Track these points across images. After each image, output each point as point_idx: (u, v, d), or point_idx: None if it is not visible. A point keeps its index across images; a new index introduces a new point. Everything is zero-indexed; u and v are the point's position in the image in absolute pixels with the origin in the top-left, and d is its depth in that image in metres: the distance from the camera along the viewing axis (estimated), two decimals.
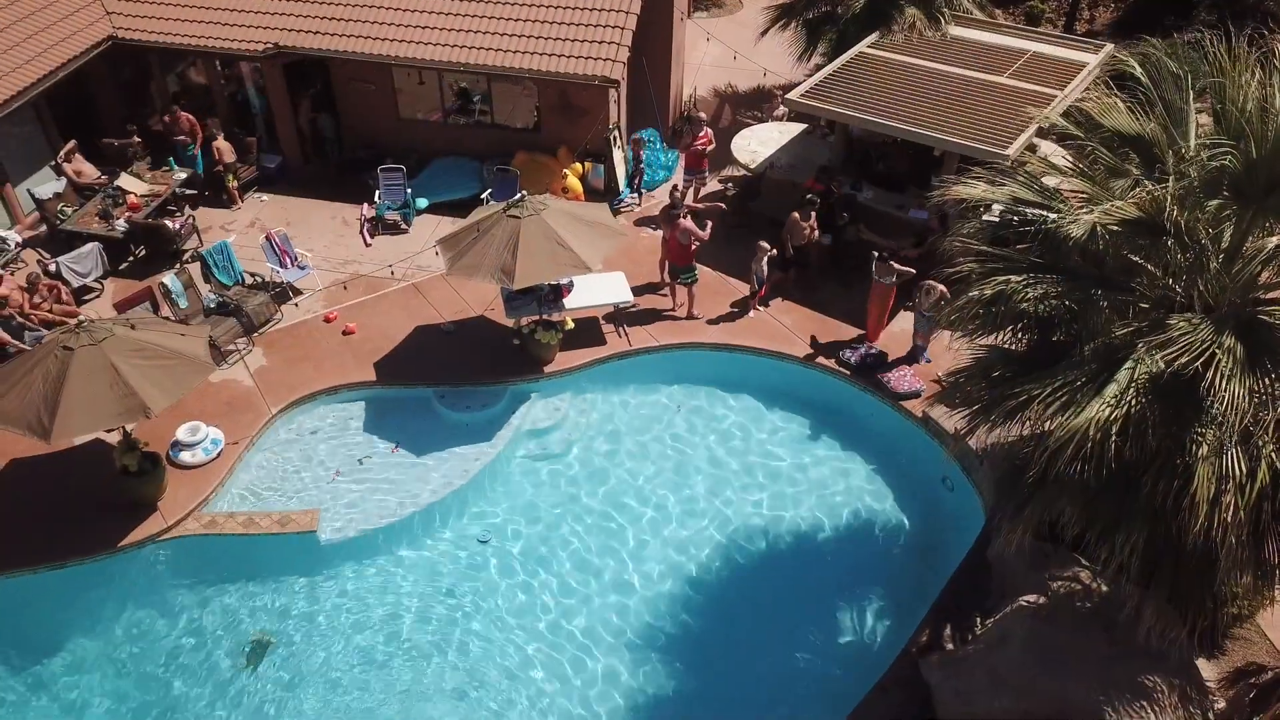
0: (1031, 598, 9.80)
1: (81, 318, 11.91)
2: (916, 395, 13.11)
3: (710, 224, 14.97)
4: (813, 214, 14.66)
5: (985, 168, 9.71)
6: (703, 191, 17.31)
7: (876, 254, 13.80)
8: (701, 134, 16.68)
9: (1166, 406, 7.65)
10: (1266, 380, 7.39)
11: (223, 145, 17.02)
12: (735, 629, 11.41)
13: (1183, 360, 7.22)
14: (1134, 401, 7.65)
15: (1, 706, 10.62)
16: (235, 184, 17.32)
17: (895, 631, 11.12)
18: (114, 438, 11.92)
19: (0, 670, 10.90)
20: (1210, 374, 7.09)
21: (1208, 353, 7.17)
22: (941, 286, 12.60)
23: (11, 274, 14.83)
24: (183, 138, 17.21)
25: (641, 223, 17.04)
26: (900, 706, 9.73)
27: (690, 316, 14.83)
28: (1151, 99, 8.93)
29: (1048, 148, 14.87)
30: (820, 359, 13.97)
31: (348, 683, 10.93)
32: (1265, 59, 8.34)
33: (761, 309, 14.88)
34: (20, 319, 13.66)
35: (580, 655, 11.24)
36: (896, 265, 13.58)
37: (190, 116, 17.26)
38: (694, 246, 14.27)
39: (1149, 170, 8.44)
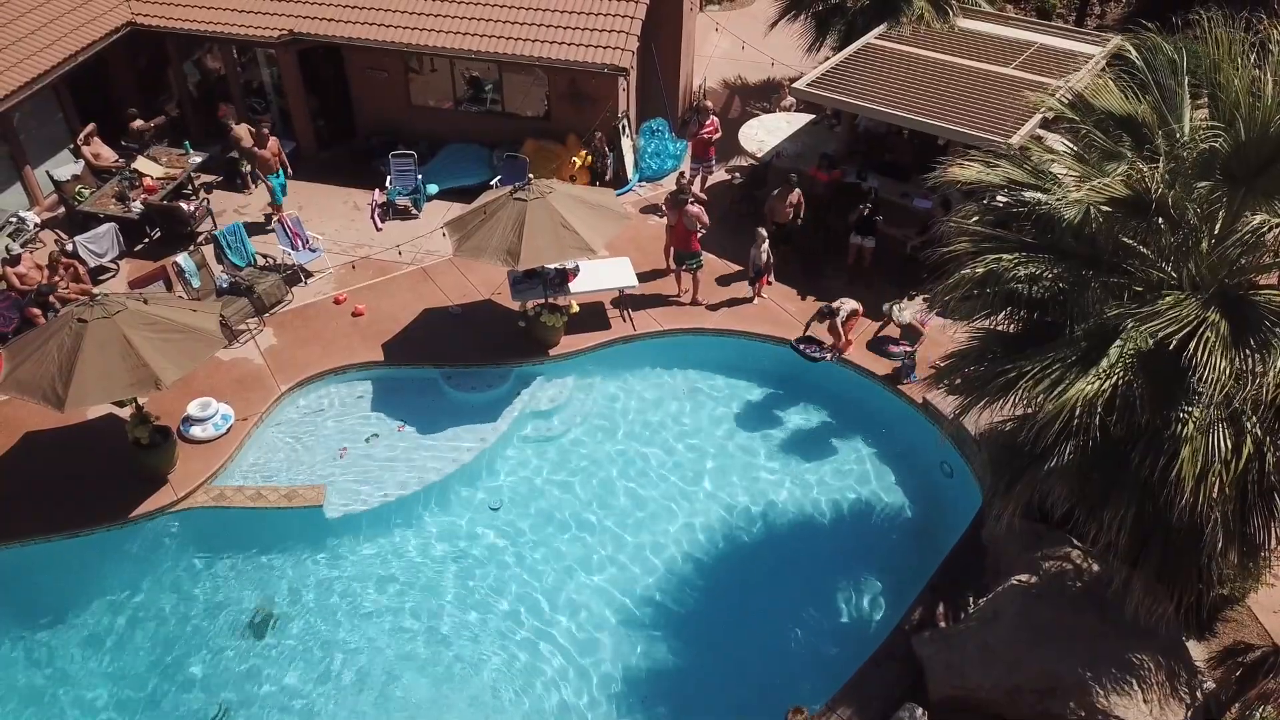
0: (1024, 577, 9.92)
1: (96, 293, 12.15)
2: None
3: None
4: (791, 194, 15.00)
5: (982, 150, 9.84)
6: (709, 180, 17.45)
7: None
8: (708, 122, 16.82)
9: (1154, 383, 7.76)
10: (1252, 357, 7.48)
11: (240, 132, 17.23)
12: (733, 605, 11.56)
13: (1169, 332, 7.34)
14: (1122, 378, 7.76)
15: (12, 669, 10.87)
16: (249, 169, 17.58)
17: (891, 610, 11.25)
18: (126, 411, 12.18)
19: (12, 634, 11.16)
20: (1194, 346, 7.20)
21: (1193, 326, 7.28)
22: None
23: (30, 253, 15.14)
24: (268, 158, 16.06)
25: (647, 210, 17.19)
26: (893, 680, 9.85)
27: (695, 302, 14.98)
28: (1147, 83, 9.04)
29: (1054, 140, 14.95)
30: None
31: (351, 655, 11.12)
32: (1259, 44, 8.44)
33: (764, 296, 15.01)
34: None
35: (579, 629, 11.40)
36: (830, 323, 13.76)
37: (276, 140, 16.26)
38: (699, 233, 14.43)
39: (1140, 151, 8.54)
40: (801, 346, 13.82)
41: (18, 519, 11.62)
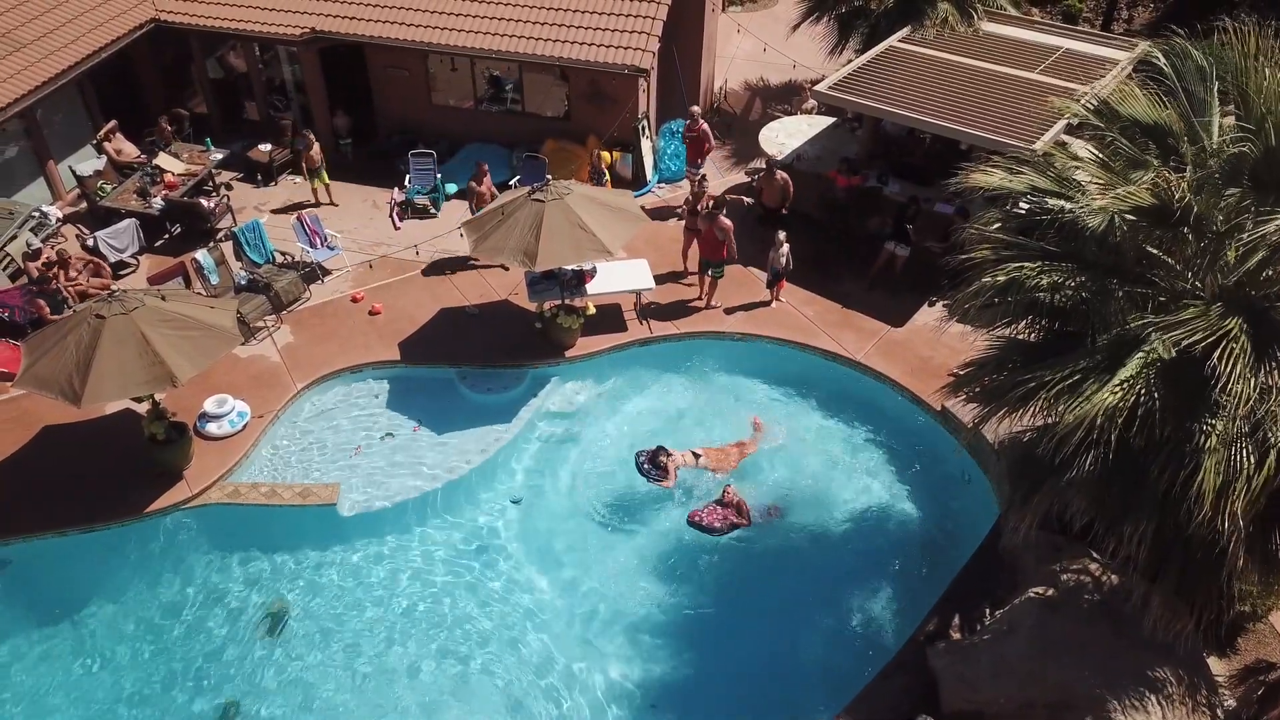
0: (1041, 589, 9.76)
1: (114, 289, 12.20)
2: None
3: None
4: (777, 177, 15.24)
5: (1006, 157, 9.72)
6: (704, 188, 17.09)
7: None
8: (698, 125, 16.57)
9: (1176, 396, 7.64)
10: (1277, 370, 7.33)
11: (315, 154, 16.88)
12: (744, 612, 11.46)
13: (1192, 341, 7.20)
14: (1143, 390, 7.65)
15: (24, 663, 10.93)
16: (325, 184, 17.17)
17: (904, 620, 11.11)
18: (143, 407, 12.22)
19: (25, 628, 11.23)
20: (1218, 357, 7.06)
21: (1217, 337, 7.14)
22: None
23: (52, 248, 15.22)
24: (484, 194, 15.16)
25: (661, 213, 17.02)
26: (904, 692, 9.73)
27: (709, 306, 14.89)
28: (1174, 89, 8.90)
29: (1080, 146, 14.78)
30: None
31: (362, 653, 11.12)
32: None
33: (782, 300, 14.89)
34: (62, 292, 14.05)
35: (589, 632, 11.35)
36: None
37: (490, 179, 15.58)
38: (727, 242, 14.32)
39: (1167, 160, 8.40)
40: (644, 463, 12.64)
41: (34, 513, 11.69)
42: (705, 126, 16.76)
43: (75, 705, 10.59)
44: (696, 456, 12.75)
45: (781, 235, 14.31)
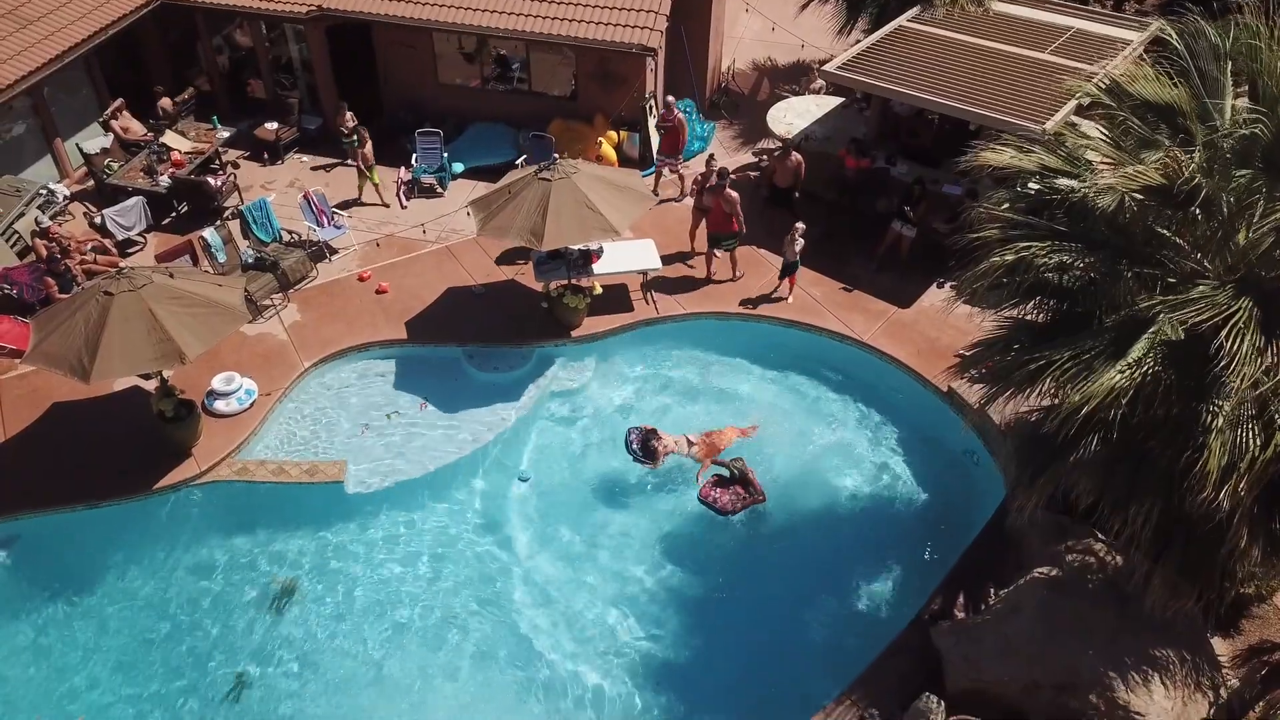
0: (1046, 569, 9.80)
1: (122, 267, 12.23)
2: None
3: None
4: (790, 158, 15.28)
5: (1015, 135, 9.67)
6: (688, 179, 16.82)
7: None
8: (671, 115, 16.22)
9: (1183, 376, 7.63)
10: None
11: (369, 153, 16.48)
12: (747, 591, 11.51)
13: (1200, 319, 7.18)
14: (1151, 370, 7.63)
15: (34, 637, 11.02)
16: (377, 182, 16.62)
17: (909, 601, 11.12)
18: (151, 384, 12.27)
19: (35, 604, 11.30)
20: (1225, 335, 7.05)
21: (1224, 315, 7.11)
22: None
23: (60, 225, 15.25)
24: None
25: (666, 199, 16.96)
26: (908, 672, 9.77)
27: (735, 278, 14.84)
28: (1187, 69, 8.83)
29: (1090, 127, 14.68)
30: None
31: (369, 628, 11.19)
32: None
33: (795, 290, 14.74)
34: (71, 270, 14.07)
35: (593, 608, 11.40)
36: None
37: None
38: (735, 214, 14.26)
39: (1178, 140, 8.35)
40: (633, 443, 12.52)
41: (43, 488, 11.77)
42: (681, 117, 16.46)
43: (82, 679, 10.67)
44: (690, 444, 12.57)
45: (801, 227, 14.13)
